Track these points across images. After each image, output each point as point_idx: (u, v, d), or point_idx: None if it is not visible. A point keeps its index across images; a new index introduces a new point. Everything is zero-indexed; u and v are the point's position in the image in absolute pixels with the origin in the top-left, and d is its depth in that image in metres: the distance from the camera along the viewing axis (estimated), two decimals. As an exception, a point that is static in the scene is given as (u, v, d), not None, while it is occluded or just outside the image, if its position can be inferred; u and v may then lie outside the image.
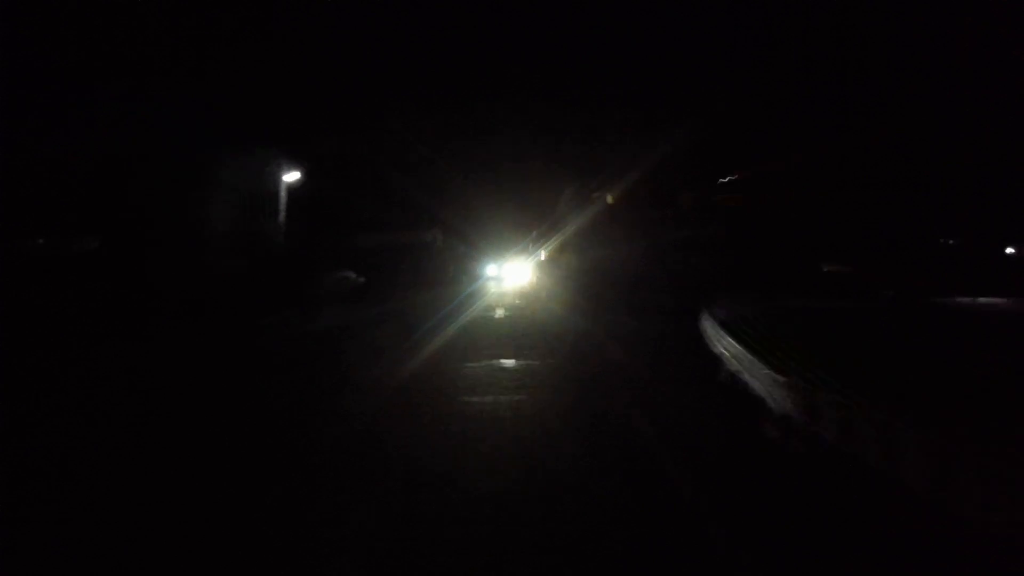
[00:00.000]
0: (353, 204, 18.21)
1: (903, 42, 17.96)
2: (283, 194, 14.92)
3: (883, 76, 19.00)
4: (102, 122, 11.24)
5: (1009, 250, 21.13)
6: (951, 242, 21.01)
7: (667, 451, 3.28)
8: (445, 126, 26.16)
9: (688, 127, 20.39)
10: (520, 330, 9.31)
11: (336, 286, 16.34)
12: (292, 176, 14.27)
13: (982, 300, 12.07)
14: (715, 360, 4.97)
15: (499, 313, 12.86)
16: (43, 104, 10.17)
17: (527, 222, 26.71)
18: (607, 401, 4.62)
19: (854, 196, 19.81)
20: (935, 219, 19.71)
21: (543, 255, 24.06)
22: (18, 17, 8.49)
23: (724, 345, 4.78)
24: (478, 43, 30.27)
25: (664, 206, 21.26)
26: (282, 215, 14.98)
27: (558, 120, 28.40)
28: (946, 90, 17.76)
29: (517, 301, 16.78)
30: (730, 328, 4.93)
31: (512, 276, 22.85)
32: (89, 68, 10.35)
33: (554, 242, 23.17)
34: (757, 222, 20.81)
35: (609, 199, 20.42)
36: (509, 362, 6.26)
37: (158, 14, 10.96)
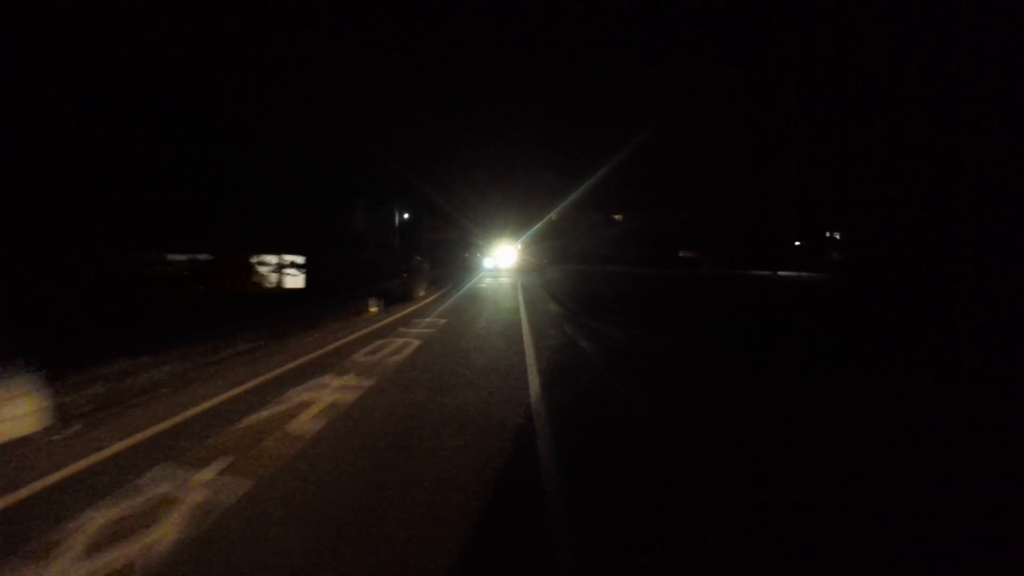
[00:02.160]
0: (419, 217, 36.20)
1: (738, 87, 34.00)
2: (397, 221, 32.88)
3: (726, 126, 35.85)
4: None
5: (797, 243, 38.83)
6: (769, 237, 37.30)
7: (520, 281, 21.51)
8: (459, 157, 43.93)
9: (596, 172, 38.19)
10: (504, 273, 27.59)
11: (417, 263, 34.45)
12: (405, 215, 32.17)
13: (779, 272, 29.76)
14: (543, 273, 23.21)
15: (497, 269, 31.18)
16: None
17: (513, 225, 44.67)
18: (519, 278, 22.86)
19: (705, 208, 37.73)
20: (759, 222, 36.49)
21: (520, 246, 42.16)
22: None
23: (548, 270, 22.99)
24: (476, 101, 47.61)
25: (584, 219, 39.33)
26: (395, 228, 32.95)
27: (533, 160, 46.30)
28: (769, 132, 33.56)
29: (503, 268, 35.07)
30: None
31: (503, 257, 40.97)
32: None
33: (527, 239, 41.25)
34: (638, 229, 39.17)
35: (553, 216, 38.54)
36: (502, 279, 24.49)
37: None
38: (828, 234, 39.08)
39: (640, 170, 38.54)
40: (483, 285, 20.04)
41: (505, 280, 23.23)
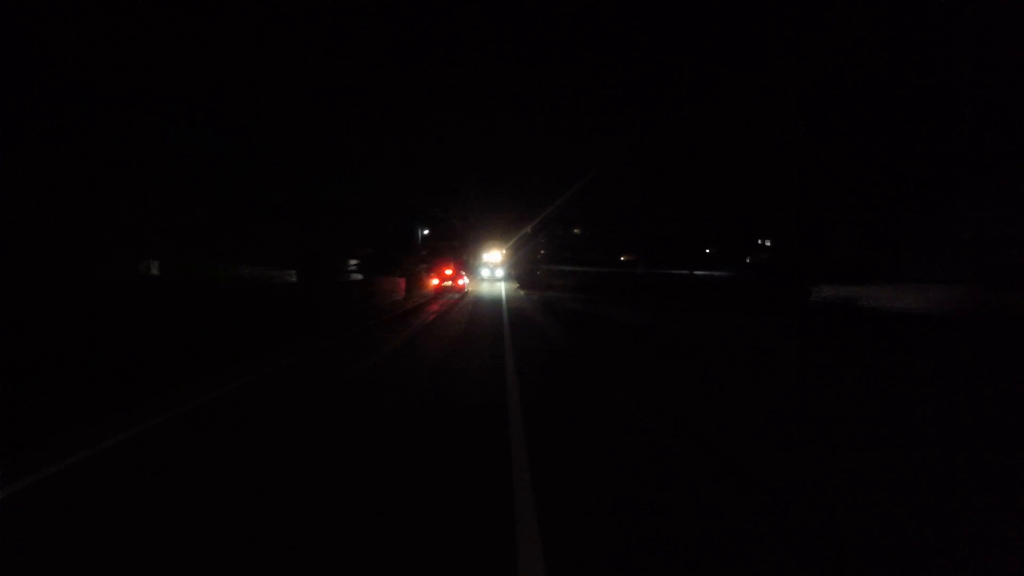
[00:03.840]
0: (435, 231, 51.20)
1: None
2: (419, 234, 47.77)
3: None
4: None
5: (707, 251, 54.14)
6: (688, 245, 53.00)
7: (505, 286, 36.52)
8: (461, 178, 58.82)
9: (559, 196, 52.87)
10: (496, 278, 42.76)
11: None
12: (425, 231, 46.98)
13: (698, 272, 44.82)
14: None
15: (492, 276, 46.45)
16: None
17: (503, 238, 59.82)
18: (503, 276, 37.88)
19: (641, 222, 52.98)
20: (681, 234, 52.02)
21: (507, 255, 57.24)
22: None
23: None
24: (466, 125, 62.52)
25: (551, 232, 54.39)
26: (419, 241, 47.87)
27: (519, 180, 61.49)
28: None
29: (496, 273, 50.34)
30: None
31: (494, 263, 55.99)
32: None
33: (512, 250, 56.39)
34: (590, 239, 54.33)
35: (528, 230, 53.67)
36: (496, 283, 39.60)
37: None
38: (760, 241, 53.80)
39: (591, 194, 53.68)
40: (481, 278, 34.96)
41: (496, 278, 38.22)
